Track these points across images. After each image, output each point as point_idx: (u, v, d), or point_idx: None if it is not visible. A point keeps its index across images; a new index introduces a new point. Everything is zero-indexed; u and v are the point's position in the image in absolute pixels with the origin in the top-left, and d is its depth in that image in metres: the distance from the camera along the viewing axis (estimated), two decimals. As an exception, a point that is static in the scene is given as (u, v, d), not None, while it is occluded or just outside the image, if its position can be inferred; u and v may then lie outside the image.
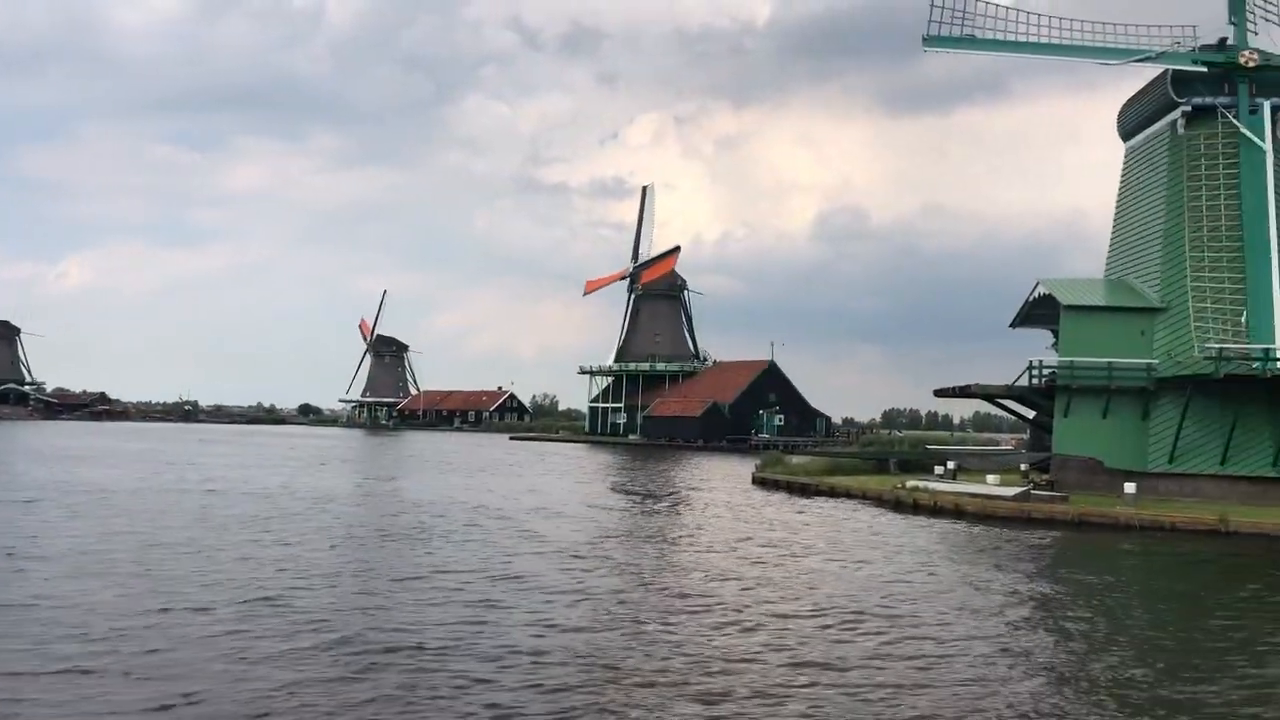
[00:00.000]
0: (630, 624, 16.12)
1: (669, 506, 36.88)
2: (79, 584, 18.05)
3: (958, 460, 47.64)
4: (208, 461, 58.13)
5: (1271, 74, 38.09)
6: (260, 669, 12.83)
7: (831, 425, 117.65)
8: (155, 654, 13.38)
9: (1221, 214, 38.35)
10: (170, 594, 17.33)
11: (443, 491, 40.57)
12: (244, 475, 46.94)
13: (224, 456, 64.57)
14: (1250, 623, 17.55)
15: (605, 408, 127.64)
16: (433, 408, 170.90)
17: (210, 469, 50.99)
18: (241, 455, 66.91)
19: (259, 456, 65.73)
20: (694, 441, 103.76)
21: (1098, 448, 38.60)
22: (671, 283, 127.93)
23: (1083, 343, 38.80)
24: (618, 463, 70.22)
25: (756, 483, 48.27)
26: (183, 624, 15.15)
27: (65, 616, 15.39)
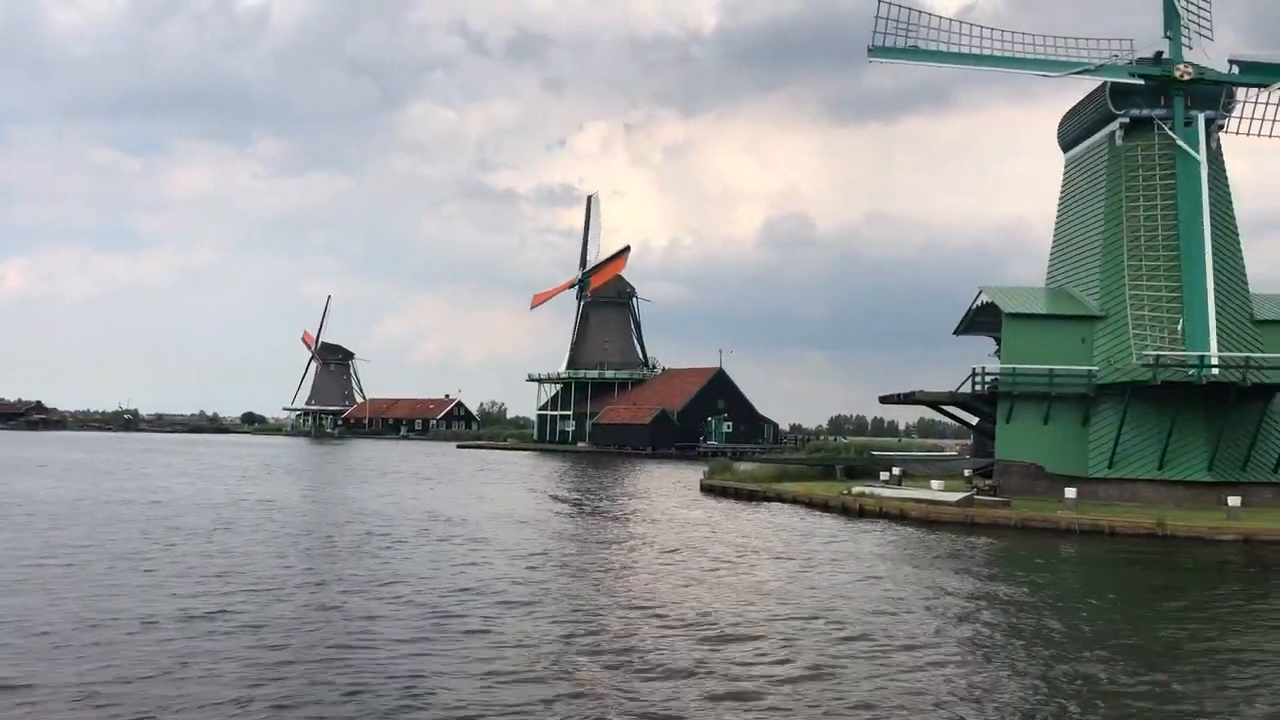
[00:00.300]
0: (581, 636, 16.10)
1: (617, 515, 36.87)
2: (15, 600, 17.64)
3: (903, 466, 48.11)
4: (149, 472, 57.08)
5: (1205, 87, 39.09)
6: (204, 684, 12.63)
7: (779, 432, 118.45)
8: (94, 669, 13.12)
9: (1158, 224, 39.27)
10: (111, 608, 17.00)
11: (389, 501, 40.21)
12: (186, 485, 46.15)
13: (166, 466, 63.43)
14: (1188, 624, 17.95)
15: (554, 415, 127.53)
16: (379, 416, 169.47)
17: (152, 479, 50.07)
18: (183, 465, 65.78)
19: (201, 466, 64.66)
20: (643, 449, 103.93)
21: (1039, 453, 39.26)
22: (620, 290, 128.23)
23: (1024, 350, 39.48)
24: (566, 471, 70.10)
25: (705, 490, 48.42)
26: (123, 639, 14.86)
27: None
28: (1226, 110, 39.70)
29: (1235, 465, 36.89)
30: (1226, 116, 39.80)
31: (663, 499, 44.08)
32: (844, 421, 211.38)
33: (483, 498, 42.92)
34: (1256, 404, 37.09)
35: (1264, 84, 39.16)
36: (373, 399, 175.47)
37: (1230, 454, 37.00)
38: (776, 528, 32.55)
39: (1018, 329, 40.01)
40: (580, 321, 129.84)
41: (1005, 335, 40.42)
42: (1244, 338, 38.49)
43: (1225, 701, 12.84)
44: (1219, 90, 39.32)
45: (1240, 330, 38.65)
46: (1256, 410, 37.14)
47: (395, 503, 39.15)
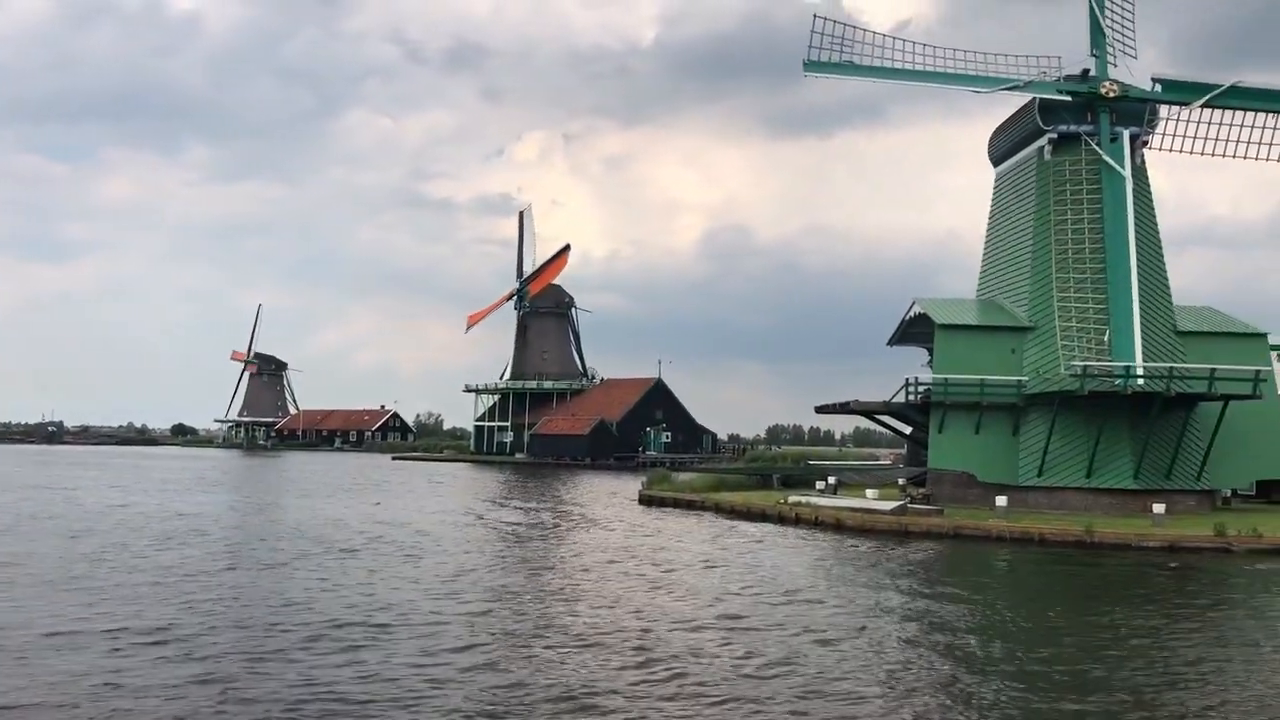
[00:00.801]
0: (517, 650, 15.98)
1: (555, 527, 36.71)
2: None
3: (839, 475, 48.65)
4: (74, 486, 55.59)
5: (1130, 104, 40.16)
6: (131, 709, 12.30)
7: (718, 442, 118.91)
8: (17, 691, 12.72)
9: (1085, 237, 40.19)
10: (35, 628, 16.51)
11: (324, 515, 39.61)
12: (115, 500, 45.04)
13: (92, 480, 61.82)
14: (1116, 630, 18.32)
15: (491, 426, 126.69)
16: (313, 427, 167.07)
17: (79, 495, 48.77)
18: (111, 478, 64.17)
19: (129, 479, 63.13)
20: (581, 460, 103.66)
21: (971, 462, 39.90)
22: (559, 300, 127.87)
23: (956, 360, 40.11)
24: (504, 482, 69.67)
25: (644, 501, 48.38)
26: (48, 660, 14.44)
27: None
28: (1150, 127, 40.81)
29: (1160, 473, 37.82)
30: (1150, 133, 40.90)
31: (601, 510, 43.99)
32: (781, 431, 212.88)
33: (418, 511, 42.45)
34: (1180, 413, 38.11)
35: (1185, 102, 40.32)
36: (307, 410, 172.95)
37: (1155, 462, 37.93)
38: (713, 538, 32.63)
39: (949, 340, 40.64)
40: (519, 332, 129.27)
41: (937, 346, 41.03)
42: (1168, 348, 39.52)
43: (1154, 705, 13.11)
44: (1143, 107, 40.42)
45: (1164, 341, 39.69)
46: (1180, 419, 38.16)
47: (328, 518, 38.57)
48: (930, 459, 41.24)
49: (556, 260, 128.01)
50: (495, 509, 44.22)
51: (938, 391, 39.92)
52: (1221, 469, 39.01)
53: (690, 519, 39.83)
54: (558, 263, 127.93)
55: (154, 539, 29.50)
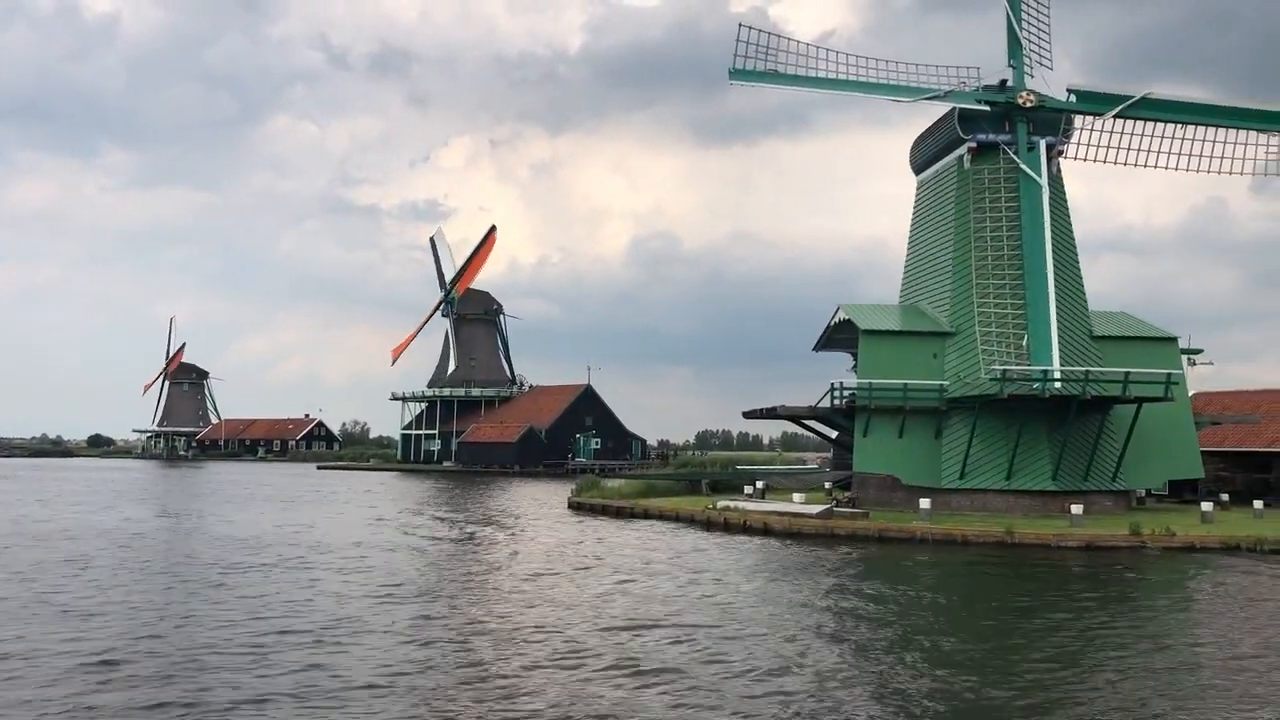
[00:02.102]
0: (444, 662, 15.73)
1: (482, 536, 36.31)
2: None
3: (766, 480, 48.91)
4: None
5: (1046, 114, 41.08)
6: None
7: (647, 447, 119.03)
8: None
9: (1004, 244, 40.99)
10: None
11: (241, 527, 38.72)
12: (28, 514, 43.54)
13: (5, 494, 59.71)
14: (1033, 624, 18.63)
15: (419, 435, 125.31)
16: (235, 437, 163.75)
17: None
18: (23, 491, 62.02)
19: (44, 492, 61.05)
20: (510, 467, 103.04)
21: (895, 465, 40.37)
22: (487, 307, 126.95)
23: (880, 365, 40.56)
24: (431, 491, 68.83)
25: (573, 508, 48.17)
26: None
27: None
28: (1066, 136, 41.76)
29: (1078, 475, 38.66)
30: (1066, 142, 41.85)
31: (529, 518, 43.65)
32: (710, 436, 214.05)
33: (340, 522, 41.73)
34: (1096, 416, 39.01)
35: (1099, 113, 41.36)
36: (229, 419, 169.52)
37: (1073, 464, 38.76)
38: (643, 544, 32.55)
39: (873, 345, 41.09)
40: (446, 339, 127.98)
41: (861, 351, 41.46)
42: (1084, 353, 40.44)
43: (1072, 699, 13.33)
44: (1059, 117, 41.35)
45: (1080, 345, 40.61)
46: (1096, 422, 39.06)
47: (249, 529, 37.74)
48: (855, 463, 41.62)
49: (484, 245, 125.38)
50: (421, 519, 43.60)
51: (862, 396, 40.32)
52: (1136, 470, 40.02)
53: (619, 526, 39.69)
54: (486, 247, 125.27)
55: (78, 556, 28.53)
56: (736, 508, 39.87)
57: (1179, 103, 41.74)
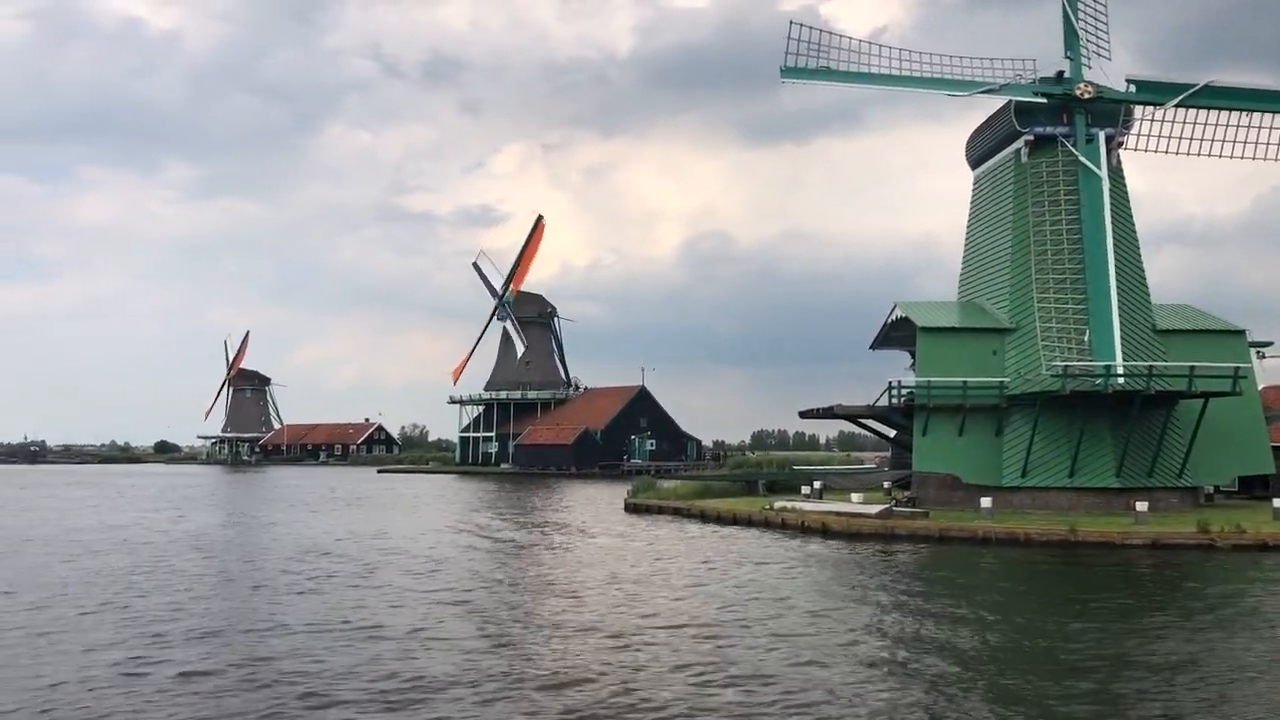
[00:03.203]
0: (509, 664, 15.81)
1: (545, 538, 36.46)
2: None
3: (823, 480, 48.54)
4: (59, 505, 55.01)
5: (1105, 105, 40.33)
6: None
7: (702, 448, 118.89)
8: None
9: (1064, 238, 40.31)
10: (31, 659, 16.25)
11: (319, 532, 39.31)
12: (105, 520, 44.59)
13: (78, 500, 61.17)
14: (1099, 625, 18.27)
15: (476, 437, 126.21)
16: (297, 442, 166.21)
17: (75, 515, 48.26)
18: (99, 498, 63.51)
19: (119, 499, 62.42)
20: (566, 469, 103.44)
21: (955, 464, 39.88)
22: (541, 310, 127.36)
23: (938, 363, 40.12)
24: (490, 493, 69.31)
25: (629, 509, 48.22)
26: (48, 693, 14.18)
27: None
28: (1125, 127, 40.97)
29: (1142, 472, 37.89)
30: (1125, 133, 41.06)
31: (587, 519, 43.78)
32: (766, 437, 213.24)
33: (411, 525, 42.16)
34: (1160, 412, 38.19)
35: (1159, 102, 40.51)
36: (291, 425, 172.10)
37: (1137, 461, 38.00)
38: (699, 545, 32.50)
39: (931, 342, 40.65)
40: (502, 342, 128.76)
41: (919, 349, 41.04)
42: (1147, 347, 39.64)
43: (1143, 702, 13.05)
44: (1118, 108, 40.58)
45: (1143, 340, 39.80)
46: (1160, 418, 38.24)
47: (324, 534, 38.29)
48: (915, 462, 41.21)
49: (533, 236, 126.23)
50: (484, 521, 43.92)
51: (920, 394, 39.91)
52: (1203, 466, 39.12)
53: (676, 526, 39.66)
54: (535, 238, 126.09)
55: (160, 563, 29.16)
56: (794, 508, 39.64)
57: (1242, 90, 40.75)
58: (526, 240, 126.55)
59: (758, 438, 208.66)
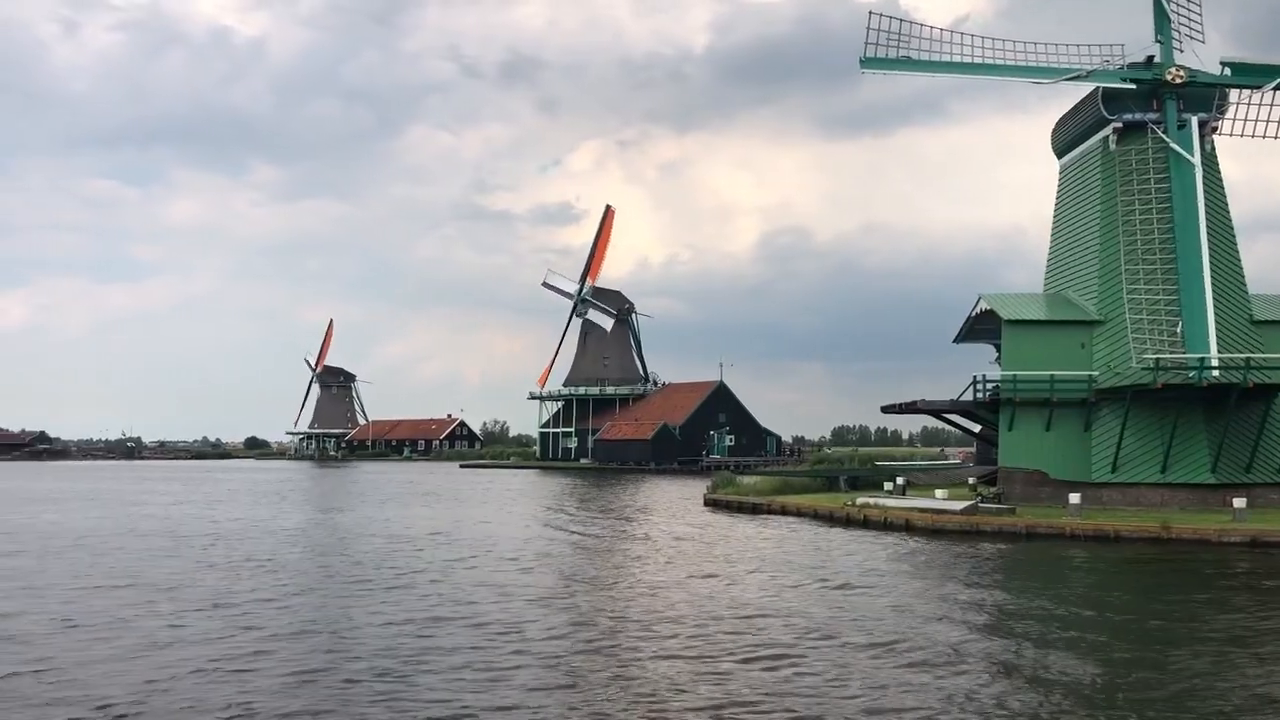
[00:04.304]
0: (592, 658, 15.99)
1: (624, 531, 36.69)
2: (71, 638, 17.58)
3: (907, 476, 48.03)
4: (160, 500, 56.90)
5: (1197, 90, 39.13)
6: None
7: (782, 444, 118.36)
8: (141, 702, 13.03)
9: (1154, 227, 39.23)
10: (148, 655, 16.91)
11: (403, 525, 40.12)
12: (204, 514, 46.04)
13: (175, 495, 63.16)
14: (1196, 625, 17.82)
15: (556, 433, 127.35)
16: (381, 437, 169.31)
17: (168, 509, 49.93)
18: (193, 492, 65.47)
19: (213, 493, 64.28)
20: (645, 464, 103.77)
21: (1042, 459, 39.12)
22: (619, 305, 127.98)
23: (1024, 356, 39.39)
24: (571, 488, 69.88)
25: (709, 504, 48.26)
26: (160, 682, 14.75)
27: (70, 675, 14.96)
28: (1220, 112, 39.71)
29: (1239, 467, 36.75)
30: (1220, 118, 39.79)
31: (667, 514, 43.92)
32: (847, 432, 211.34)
33: (492, 519, 42.76)
34: (1258, 405, 36.98)
35: (1256, 85, 39.19)
36: (375, 420, 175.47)
37: (1234, 456, 36.86)
38: (781, 541, 32.41)
39: (1017, 335, 39.92)
40: (580, 338, 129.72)
41: (1005, 342, 40.34)
42: (1243, 338, 38.39)
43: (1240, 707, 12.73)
44: (1212, 92, 39.36)
45: (1239, 331, 38.56)
46: (1258, 411, 37.02)
47: (408, 527, 39.05)
48: (1000, 457, 40.55)
49: (604, 227, 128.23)
50: (567, 516, 44.31)
51: (1006, 388, 39.25)
52: (1304, 461, 37.78)
53: (757, 523, 39.58)
54: (606, 229, 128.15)
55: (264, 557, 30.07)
56: (876, 504, 39.26)
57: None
58: (598, 231, 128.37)
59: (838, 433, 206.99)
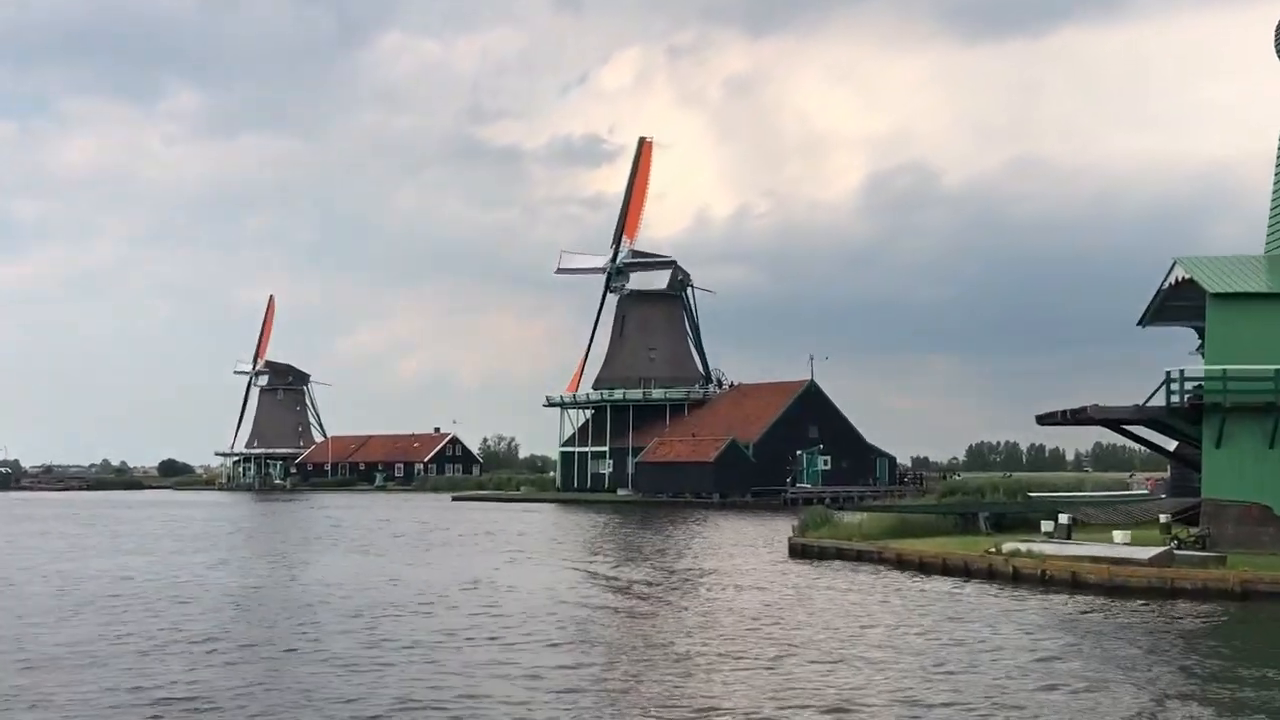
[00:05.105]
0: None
1: (677, 600, 36.27)
2: None
3: (1072, 512, 47.56)
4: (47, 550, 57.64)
5: None
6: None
7: (897, 468, 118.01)
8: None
9: None
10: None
11: (370, 592, 40.37)
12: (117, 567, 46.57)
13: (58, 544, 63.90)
14: None
15: (584, 453, 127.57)
16: (345, 459, 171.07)
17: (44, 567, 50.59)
18: (96, 536, 66.20)
19: (113, 542, 64.90)
20: (707, 496, 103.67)
21: (1265, 489, 38.71)
22: (670, 278, 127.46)
23: (1241, 344, 38.95)
24: (603, 532, 69.77)
25: (796, 552, 48.12)
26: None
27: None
28: None
29: None
30: None
31: (736, 569, 43.74)
32: (988, 451, 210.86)
33: (495, 584, 42.85)
34: None
35: None
36: (336, 437, 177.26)
37: None
38: (898, 605, 32.29)
39: (1230, 315, 39.44)
40: (616, 323, 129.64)
41: (1211, 324, 40.01)
42: None
43: None
44: None
45: None
46: None
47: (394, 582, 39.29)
48: (1205, 485, 40.17)
49: (640, 165, 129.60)
50: (606, 572, 44.21)
51: (1213, 389, 38.82)
52: None
53: (863, 577, 39.39)
54: (643, 167, 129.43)
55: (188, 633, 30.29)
56: (1030, 551, 38.92)
57: None
58: (632, 174, 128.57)
59: (976, 453, 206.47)
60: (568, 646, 25.52)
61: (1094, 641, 25.66)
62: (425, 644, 25.65)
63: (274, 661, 23.77)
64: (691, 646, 25.57)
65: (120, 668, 22.78)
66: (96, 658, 24.01)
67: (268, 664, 23.44)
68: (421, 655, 24.29)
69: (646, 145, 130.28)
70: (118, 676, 21.76)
